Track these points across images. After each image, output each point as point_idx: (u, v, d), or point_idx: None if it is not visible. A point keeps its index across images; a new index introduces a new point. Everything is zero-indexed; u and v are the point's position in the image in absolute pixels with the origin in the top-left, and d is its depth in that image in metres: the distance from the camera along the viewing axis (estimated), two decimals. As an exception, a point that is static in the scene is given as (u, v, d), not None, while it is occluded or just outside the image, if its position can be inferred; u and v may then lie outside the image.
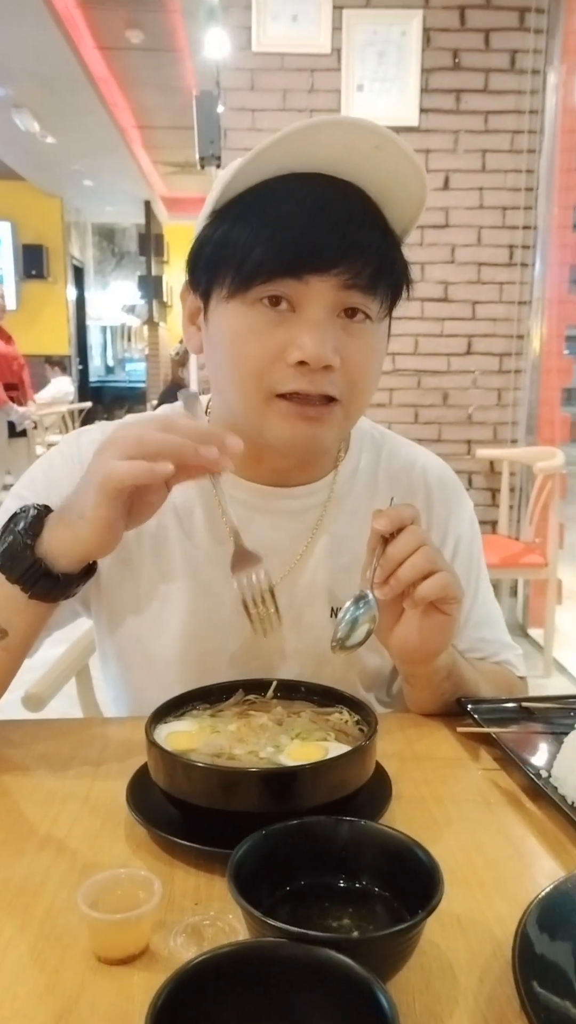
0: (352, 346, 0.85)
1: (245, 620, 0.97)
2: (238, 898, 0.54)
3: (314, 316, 0.83)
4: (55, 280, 10.71)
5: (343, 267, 0.82)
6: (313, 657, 1.00)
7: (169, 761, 0.72)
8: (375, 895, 0.61)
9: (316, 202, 0.83)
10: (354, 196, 0.85)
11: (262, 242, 0.82)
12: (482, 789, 0.84)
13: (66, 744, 0.92)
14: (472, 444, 3.91)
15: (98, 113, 7.18)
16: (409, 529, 0.83)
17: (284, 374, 0.84)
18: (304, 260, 0.82)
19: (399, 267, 0.89)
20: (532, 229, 3.83)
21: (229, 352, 0.86)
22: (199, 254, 0.89)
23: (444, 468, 1.11)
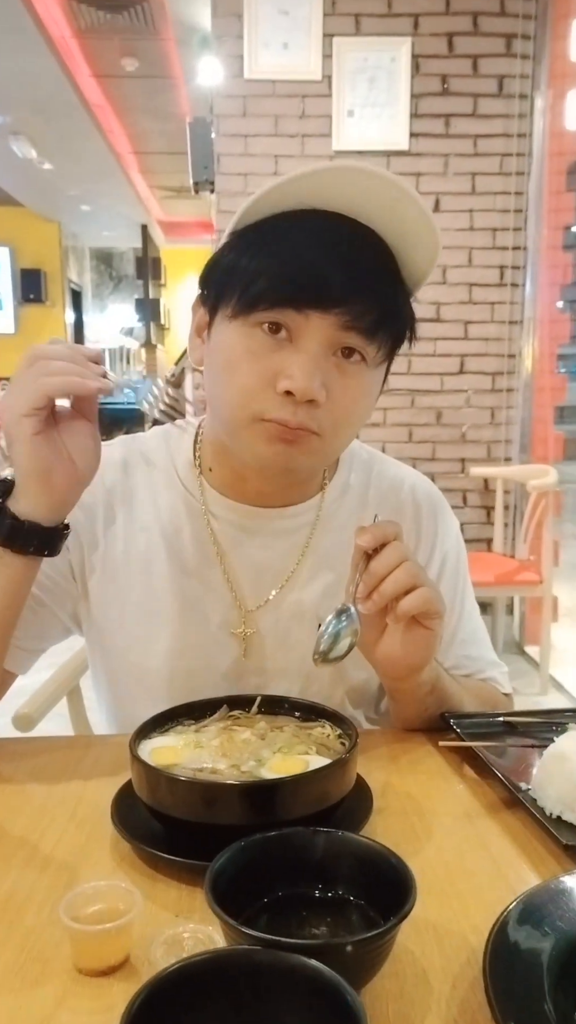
0: (342, 385, 0.87)
1: (232, 640, 1.00)
2: (215, 908, 0.55)
3: (309, 349, 0.84)
4: (53, 304, 10.79)
5: (345, 308, 0.83)
6: (300, 675, 1.01)
7: (152, 775, 0.73)
8: (351, 904, 0.62)
9: (329, 238, 0.85)
10: (369, 239, 0.87)
11: (269, 270, 0.84)
12: (464, 802, 0.85)
13: (55, 760, 0.94)
14: (466, 462, 3.94)
15: (94, 139, 7.27)
16: (392, 545, 0.85)
17: (271, 401, 0.85)
18: (306, 293, 0.83)
19: (403, 317, 0.90)
20: (522, 250, 3.89)
21: (224, 370, 0.88)
22: (211, 272, 0.92)
23: (431, 487, 1.12)
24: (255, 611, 1.01)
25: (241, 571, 1.01)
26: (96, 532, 1.01)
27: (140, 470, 1.04)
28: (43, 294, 10.58)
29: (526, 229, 3.87)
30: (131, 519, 1.01)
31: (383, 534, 0.85)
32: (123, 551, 1.01)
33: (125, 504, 1.02)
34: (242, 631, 1.01)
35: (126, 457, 1.05)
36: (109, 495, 1.02)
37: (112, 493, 1.02)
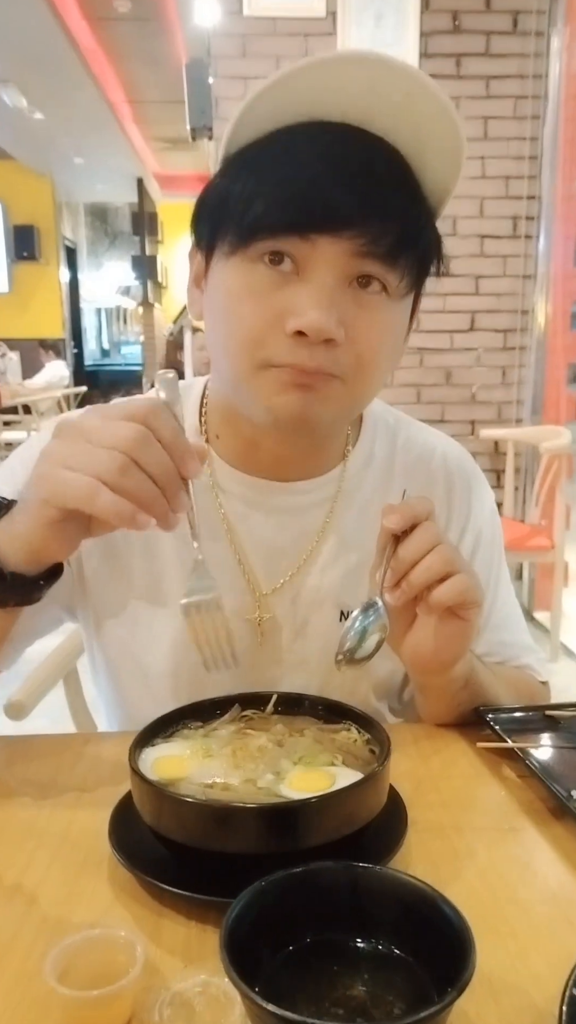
0: (362, 319, 0.74)
1: (245, 626, 0.89)
2: (233, 977, 0.46)
3: (320, 280, 0.72)
4: (47, 262, 10.53)
5: (358, 229, 0.71)
6: (320, 667, 0.91)
7: (155, 795, 0.63)
8: (393, 957, 0.53)
9: (335, 153, 0.72)
10: (381, 150, 0.74)
11: (267, 193, 0.72)
12: (507, 812, 0.75)
13: (47, 766, 0.84)
14: (476, 424, 3.80)
15: (86, 87, 7.00)
16: (423, 526, 0.74)
17: (280, 345, 0.73)
18: (313, 216, 0.71)
19: (428, 238, 0.78)
20: (536, 199, 3.71)
21: (224, 314, 0.76)
22: (203, 206, 0.79)
23: (464, 456, 1.01)
24: (269, 595, 0.91)
25: (253, 551, 0.90)
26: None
27: None
28: (37, 251, 10.32)
29: (540, 178, 3.69)
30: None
31: (413, 514, 0.74)
32: (123, 533, 0.89)
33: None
34: (257, 616, 0.90)
35: None
36: None
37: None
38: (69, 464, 0.63)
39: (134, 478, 0.62)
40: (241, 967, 0.47)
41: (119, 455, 0.61)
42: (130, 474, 0.62)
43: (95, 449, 0.62)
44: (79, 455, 0.63)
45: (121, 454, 0.61)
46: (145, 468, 0.62)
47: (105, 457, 0.62)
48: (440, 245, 0.80)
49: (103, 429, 0.63)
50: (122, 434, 0.62)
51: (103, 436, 0.63)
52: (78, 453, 0.63)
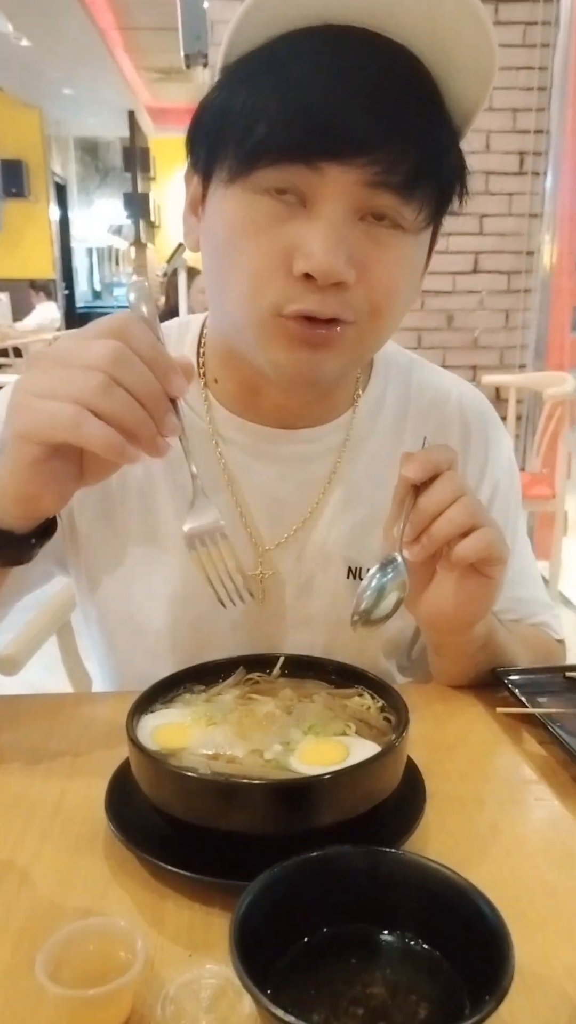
0: (375, 257, 0.67)
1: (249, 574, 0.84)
2: (245, 980, 0.41)
3: (328, 215, 0.64)
4: (36, 199, 10.21)
5: (372, 157, 0.63)
6: (326, 625, 0.86)
7: (155, 768, 0.58)
8: (417, 951, 0.48)
9: (347, 64, 0.63)
10: (401, 60, 0.65)
11: (269, 113, 0.63)
12: (528, 782, 0.71)
13: (37, 729, 0.79)
14: (477, 369, 3.71)
15: (75, 11, 6.68)
16: (445, 476, 0.69)
17: (288, 289, 0.66)
18: (320, 142, 0.62)
19: (451, 164, 0.69)
20: (544, 133, 3.56)
21: (224, 250, 0.69)
22: (200, 122, 0.70)
23: (482, 401, 0.95)
24: (272, 550, 0.85)
25: (255, 504, 0.84)
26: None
27: None
28: (25, 188, 10.00)
29: (549, 110, 3.54)
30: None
31: (434, 463, 0.69)
32: (118, 481, 0.84)
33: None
34: (259, 572, 0.84)
35: None
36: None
37: None
38: (46, 392, 0.57)
39: (118, 398, 0.56)
40: (252, 966, 0.42)
41: (98, 374, 0.55)
42: (113, 394, 0.56)
43: (72, 371, 0.56)
44: (55, 381, 0.57)
45: (101, 372, 0.55)
46: (127, 387, 0.56)
47: (83, 378, 0.56)
48: (464, 172, 0.72)
49: (77, 349, 0.57)
50: (98, 351, 0.56)
51: (79, 356, 0.56)
52: (54, 379, 0.57)
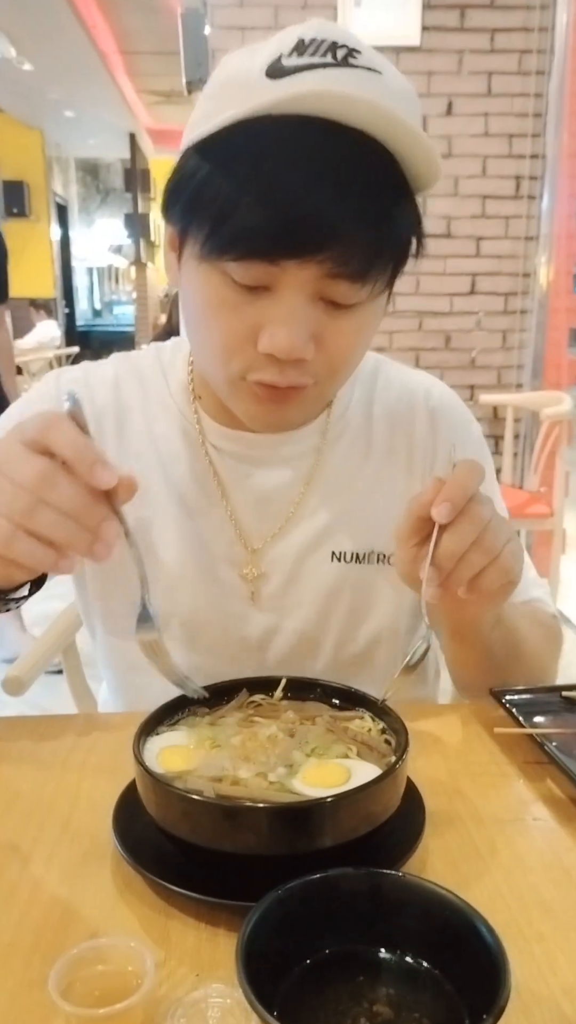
0: (334, 330, 0.73)
1: (238, 583, 0.90)
2: (252, 1000, 0.42)
3: (288, 301, 0.70)
4: (38, 218, 10.30)
5: (327, 253, 0.68)
6: (316, 607, 0.90)
7: (162, 791, 0.60)
8: (419, 970, 0.50)
9: (311, 158, 0.67)
10: (359, 149, 0.68)
11: (238, 213, 0.68)
12: (526, 802, 0.72)
13: (44, 750, 0.81)
14: (475, 389, 3.74)
15: (77, 36, 6.77)
16: (469, 512, 0.67)
17: (254, 360, 0.73)
18: (282, 245, 0.68)
19: (404, 238, 0.74)
20: (540, 158, 3.61)
21: (198, 320, 0.76)
22: (177, 191, 0.74)
23: (446, 391, 0.99)
24: (261, 549, 0.90)
25: (244, 504, 0.90)
26: None
27: (134, 389, 0.92)
28: (27, 208, 10.09)
29: (545, 135, 3.58)
30: (123, 444, 0.90)
31: (463, 497, 0.67)
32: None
33: (117, 428, 0.91)
34: (250, 571, 0.89)
35: (118, 374, 0.93)
36: (99, 418, 0.90)
37: (103, 416, 0.91)
38: None
39: (46, 518, 0.58)
40: (259, 986, 0.44)
41: (25, 495, 0.57)
42: (40, 514, 0.57)
43: (5, 485, 0.58)
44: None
45: (27, 493, 0.57)
46: (55, 505, 0.58)
47: (12, 497, 0.58)
48: (420, 229, 0.76)
49: (11, 462, 0.58)
50: (26, 471, 0.58)
51: (11, 470, 0.58)
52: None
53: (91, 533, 0.59)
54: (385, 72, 0.70)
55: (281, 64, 0.67)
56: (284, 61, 0.68)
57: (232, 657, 0.90)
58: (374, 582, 0.90)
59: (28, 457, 0.58)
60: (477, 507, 0.67)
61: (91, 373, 0.94)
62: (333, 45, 0.68)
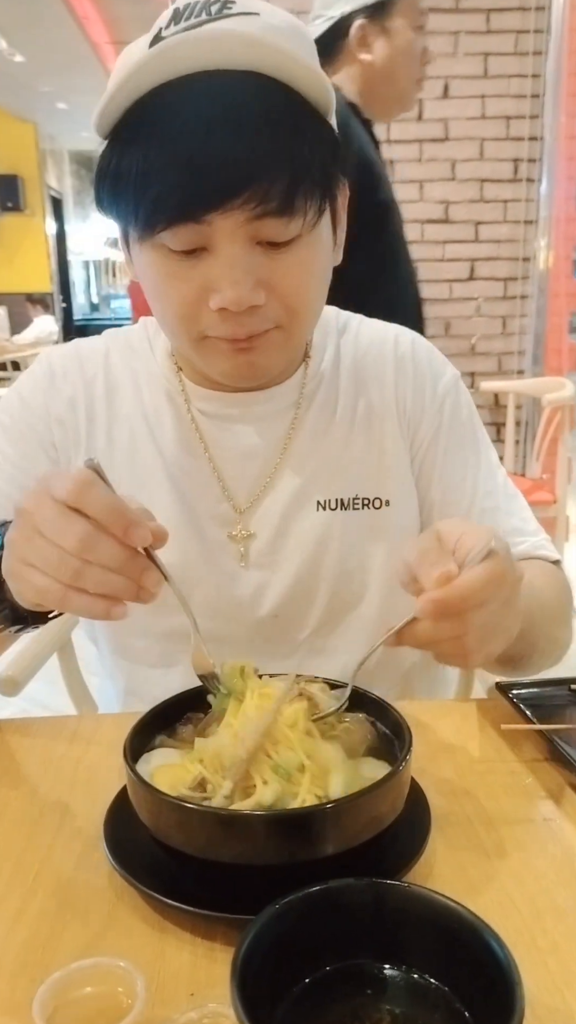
0: (280, 272, 0.75)
1: (227, 543, 0.90)
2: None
3: (227, 252, 0.72)
4: (32, 212, 10.23)
5: (247, 195, 0.69)
6: (305, 557, 0.90)
7: (154, 799, 0.57)
8: (426, 986, 0.47)
9: (206, 113, 0.69)
10: (252, 91, 0.70)
11: (154, 182, 0.70)
12: (535, 800, 0.70)
13: (35, 754, 0.78)
14: (476, 376, 3.71)
15: (68, 27, 6.70)
16: (456, 618, 0.60)
17: (210, 318, 0.76)
18: (200, 201, 0.69)
19: (321, 162, 0.73)
20: (538, 140, 3.56)
21: (152, 295, 0.80)
22: (100, 188, 0.76)
23: (418, 339, 0.98)
24: (248, 509, 0.91)
25: (230, 463, 0.91)
26: (78, 427, 0.92)
27: (124, 359, 0.95)
28: (21, 202, 10.02)
29: (543, 117, 3.53)
30: (113, 408, 0.93)
31: (458, 606, 0.59)
32: (106, 442, 0.92)
33: (107, 394, 0.93)
34: (239, 531, 0.90)
35: (108, 346, 0.97)
36: (90, 385, 0.93)
37: (93, 384, 0.93)
38: (30, 562, 0.61)
39: (92, 577, 0.59)
40: (254, 1008, 0.41)
41: (71, 559, 0.58)
42: (88, 574, 0.59)
43: (48, 547, 0.59)
44: (36, 553, 0.60)
45: (73, 557, 0.58)
46: (99, 563, 0.59)
47: (59, 562, 0.59)
48: (336, 147, 0.76)
49: (50, 523, 0.59)
50: (67, 536, 0.58)
51: (51, 532, 0.59)
52: (35, 550, 0.60)
53: (135, 583, 0.60)
54: (264, 12, 0.71)
55: (160, 36, 0.69)
56: (163, 33, 0.69)
57: (227, 616, 0.90)
58: (360, 526, 0.91)
59: (68, 519, 0.59)
60: (474, 614, 0.59)
61: (81, 347, 0.96)
62: (207, 3, 0.69)
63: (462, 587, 0.59)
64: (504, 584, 0.61)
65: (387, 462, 0.92)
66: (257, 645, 0.91)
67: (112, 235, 3.68)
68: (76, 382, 0.92)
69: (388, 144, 3.56)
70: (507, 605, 0.63)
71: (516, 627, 0.67)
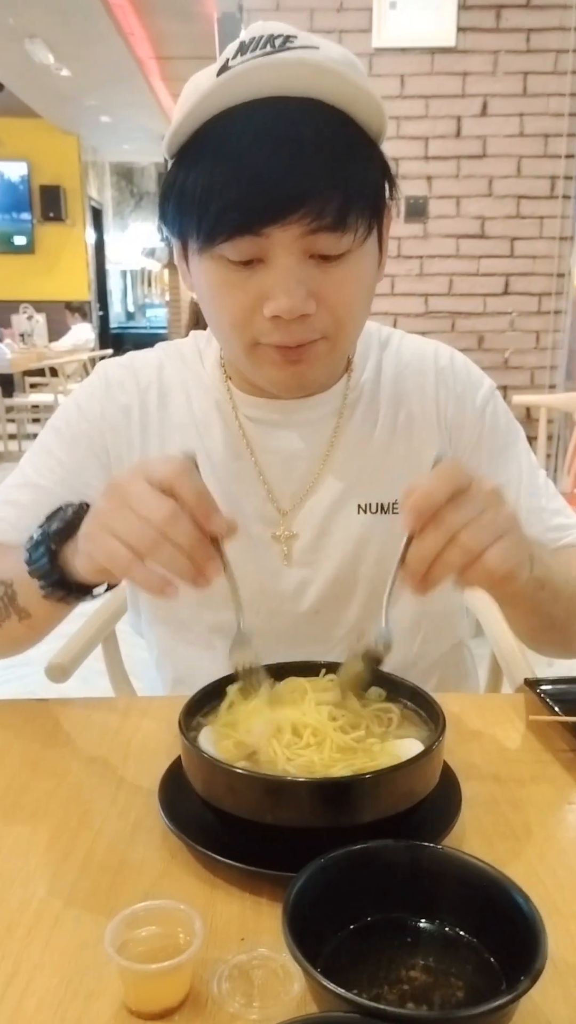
0: (331, 284, 0.80)
1: (271, 543, 0.95)
2: (296, 954, 0.45)
3: (283, 264, 0.77)
4: (73, 223, 10.44)
5: (304, 210, 0.74)
6: (345, 556, 0.95)
7: (207, 766, 0.62)
8: (457, 938, 0.51)
9: (268, 134, 0.75)
10: (310, 116, 0.75)
11: (215, 198, 0.75)
12: (562, 787, 0.74)
13: (91, 729, 0.84)
14: (508, 390, 3.73)
15: (114, 42, 6.85)
16: (438, 520, 0.66)
17: (263, 325, 0.80)
18: (259, 215, 0.74)
19: (373, 184, 0.80)
20: (575, 158, 3.59)
21: (209, 304, 0.84)
22: (164, 201, 0.82)
23: (456, 354, 1.03)
24: (291, 511, 0.95)
25: (273, 464, 0.96)
26: (132, 434, 0.98)
27: (176, 369, 1.01)
28: (63, 212, 10.23)
29: (581, 135, 3.57)
30: (166, 417, 0.98)
31: (431, 505, 0.65)
32: (159, 447, 0.97)
33: (160, 403, 0.99)
34: (282, 531, 0.95)
35: (161, 358, 1.02)
36: (144, 394, 0.98)
37: (147, 391, 0.99)
38: (111, 528, 0.67)
39: (164, 552, 0.65)
40: (303, 944, 0.46)
41: (151, 531, 0.64)
42: (160, 548, 0.65)
43: (132, 518, 0.65)
44: (120, 521, 0.66)
45: (153, 529, 0.64)
46: (175, 541, 0.65)
47: (140, 530, 0.65)
48: (388, 171, 0.82)
49: (140, 498, 0.66)
50: (154, 509, 0.65)
51: (140, 505, 0.65)
52: (119, 519, 0.66)
53: (198, 568, 0.66)
54: (322, 47, 0.77)
55: (227, 66, 0.75)
56: (230, 63, 0.75)
57: (271, 611, 0.95)
58: (398, 530, 0.93)
59: (157, 497, 0.65)
60: (451, 512, 0.65)
61: (136, 358, 1.02)
62: (271, 37, 0.75)
63: (420, 487, 0.66)
64: (459, 476, 0.67)
65: (426, 470, 0.96)
66: (299, 639, 0.96)
67: (148, 245, 3.80)
68: (131, 391, 0.98)
69: (426, 160, 3.62)
70: (492, 506, 0.67)
71: (520, 535, 0.70)
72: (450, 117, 3.56)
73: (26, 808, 0.71)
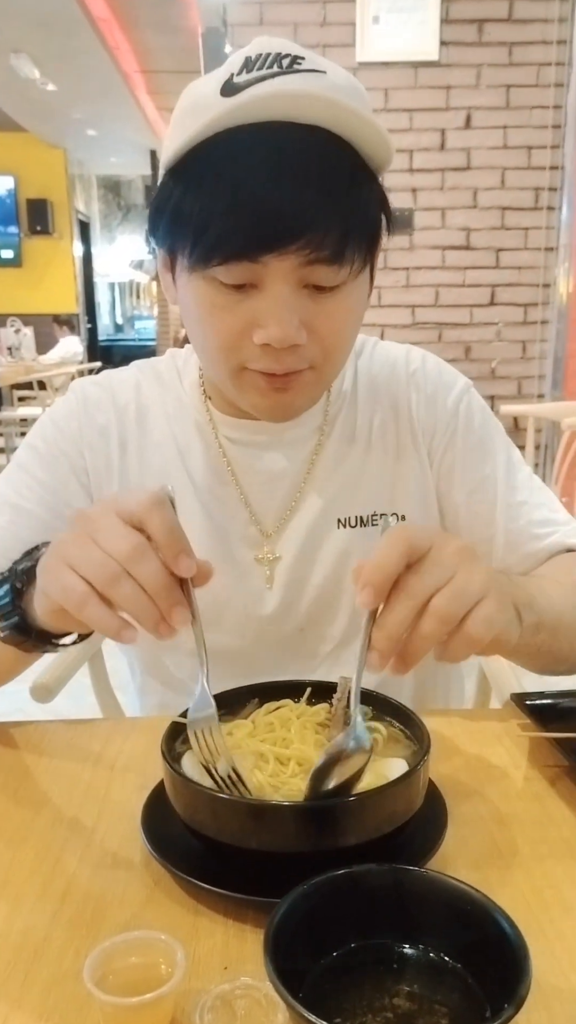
0: (323, 315, 0.78)
1: (254, 567, 0.94)
2: (278, 986, 0.44)
3: (277, 292, 0.76)
4: (60, 236, 10.45)
5: (303, 242, 0.73)
6: (326, 571, 0.95)
7: (190, 790, 0.61)
8: (442, 965, 0.51)
9: (272, 161, 0.73)
10: (317, 144, 0.74)
11: (215, 221, 0.73)
12: (547, 804, 0.73)
13: (74, 752, 0.83)
14: (496, 400, 3.76)
15: (99, 57, 6.89)
16: (400, 589, 0.60)
17: (251, 351, 0.79)
18: (258, 242, 0.73)
19: (371, 218, 0.79)
20: (559, 169, 3.63)
21: (196, 325, 0.82)
22: (157, 215, 0.80)
23: (427, 356, 1.01)
24: (274, 533, 0.95)
25: (256, 485, 0.95)
26: (111, 454, 0.96)
27: (153, 389, 0.99)
28: (50, 225, 10.25)
29: (564, 147, 3.61)
30: (145, 437, 0.97)
31: (382, 577, 0.60)
32: (138, 469, 0.96)
33: (139, 423, 0.97)
34: (265, 554, 0.94)
35: (138, 377, 1.00)
36: (122, 414, 0.97)
37: (125, 412, 0.97)
38: (69, 560, 0.61)
39: (124, 589, 0.59)
40: (285, 975, 0.45)
41: (112, 565, 0.59)
42: (121, 585, 0.59)
43: (94, 550, 0.60)
44: (80, 553, 0.61)
45: (115, 563, 0.59)
46: (138, 579, 0.59)
47: (100, 564, 0.59)
48: (386, 207, 0.81)
49: (106, 530, 0.60)
50: (119, 542, 0.59)
51: (104, 538, 0.60)
52: (80, 551, 0.61)
53: (161, 613, 0.60)
54: (329, 71, 0.76)
55: (233, 82, 0.74)
56: (235, 79, 0.74)
57: (255, 634, 0.94)
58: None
59: (124, 530, 0.60)
60: (414, 580, 0.60)
61: (112, 377, 1.01)
62: (277, 56, 0.74)
63: (370, 561, 0.60)
64: (413, 539, 0.60)
65: (402, 477, 0.96)
66: (285, 657, 0.95)
67: (136, 258, 3.81)
68: (108, 410, 0.96)
69: (411, 173, 3.65)
70: (463, 567, 0.61)
71: (502, 594, 0.65)
72: (434, 130, 3.60)
73: (3, 836, 0.70)
